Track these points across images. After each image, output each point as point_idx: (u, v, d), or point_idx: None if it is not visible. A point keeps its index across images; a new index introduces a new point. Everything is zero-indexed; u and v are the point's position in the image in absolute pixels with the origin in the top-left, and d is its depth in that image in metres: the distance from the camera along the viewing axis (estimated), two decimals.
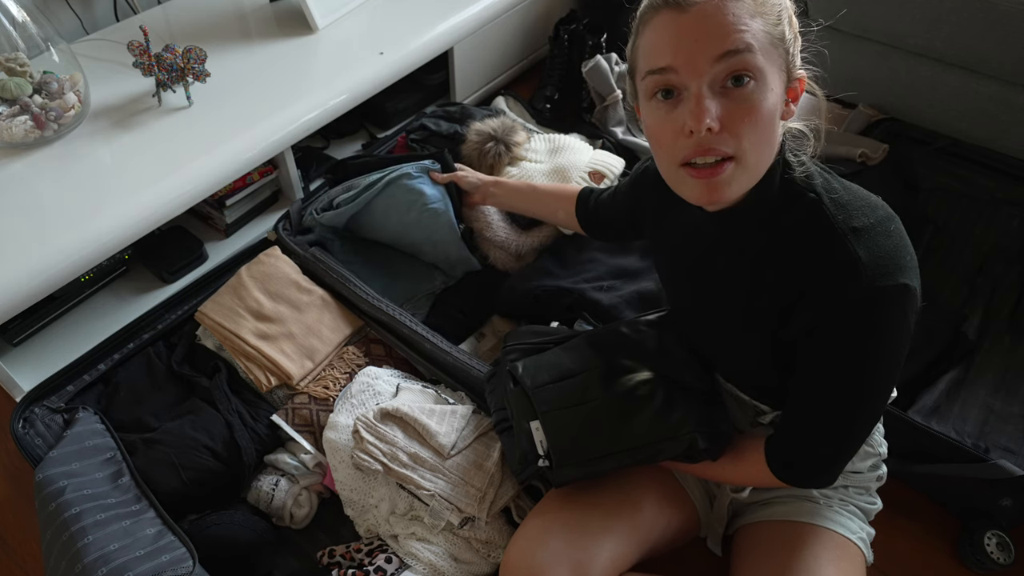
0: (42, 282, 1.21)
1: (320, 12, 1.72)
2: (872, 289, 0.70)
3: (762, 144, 0.71)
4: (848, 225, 0.73)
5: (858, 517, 0.96)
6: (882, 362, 0.75)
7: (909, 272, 0.73)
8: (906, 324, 0.74)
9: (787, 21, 0.71)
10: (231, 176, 1.44)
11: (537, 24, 2.08)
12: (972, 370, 1.38)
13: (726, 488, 1.01)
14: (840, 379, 0.76)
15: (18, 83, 1.36)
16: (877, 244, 0.72)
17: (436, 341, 1.28)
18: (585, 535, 0.91)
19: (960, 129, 1.61)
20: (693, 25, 0.66)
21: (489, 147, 1.51)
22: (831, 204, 0.75)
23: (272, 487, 1.20)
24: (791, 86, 0.73)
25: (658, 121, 0.72)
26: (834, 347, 0.75)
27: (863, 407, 0.78)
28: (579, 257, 1.43)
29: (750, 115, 0.68)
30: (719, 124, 0.67)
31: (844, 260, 0.72)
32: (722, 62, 0.66)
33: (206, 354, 1.36)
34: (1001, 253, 1.55)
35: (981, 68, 1.52)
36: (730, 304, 0.86)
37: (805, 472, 0.85)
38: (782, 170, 0.77)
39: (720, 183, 0.71)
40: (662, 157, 0.75)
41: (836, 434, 0.80)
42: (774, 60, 0.69)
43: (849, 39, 1.66)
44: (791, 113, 0.75)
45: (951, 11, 1.46)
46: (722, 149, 0.69)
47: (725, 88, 0.68)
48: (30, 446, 1.18)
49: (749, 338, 0.85)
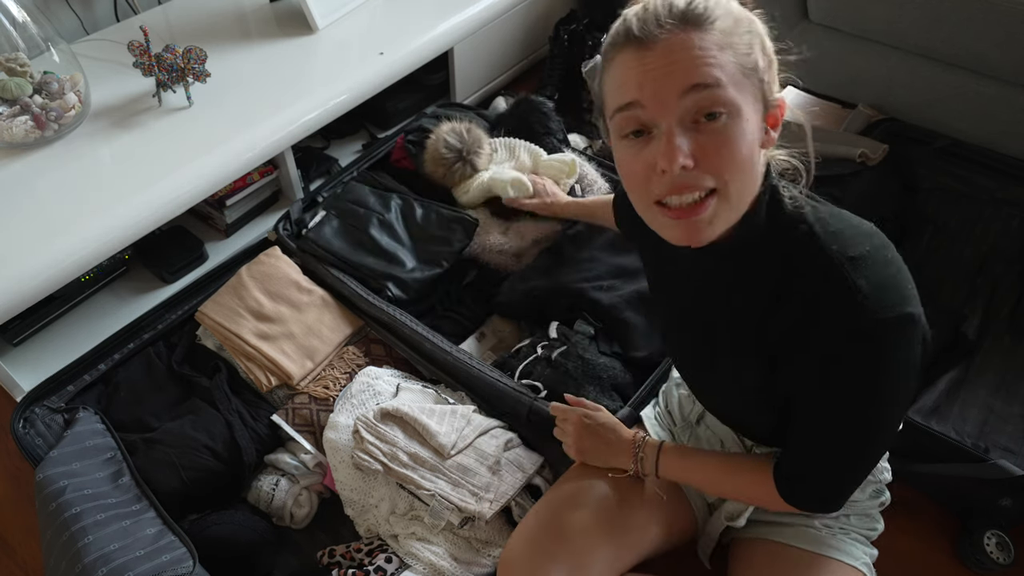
0: (42, 282, 1.21)
1: (320, 12, 1.72)
2: (876, 322, 0.66)
3: (743, 176, 0.67)
4: (844, 255, 0.69)
5: (860, 542, 0.95)
6: (890, 396, 0.72)
7: (912, 300, 0.69)
8: (913, 356, 0.70)
9: (759, 48, 0.67)
10: (231, 176, 1.44)
11: (537, 24, 2.08)
12: (972, 370, 1.38)
13: (721, 514, 1.00)
14: (847, 415, 0.73)
15: (18, 83, 1.36)
16: (877, 273, 0.68)
17: (436, 341, 1.28)
18: (583, 537, 0.91)
19: (960, 129, 1.61)
20: (658, 60, 0.64)
21: (457, 167, 1.52)
22: (824, 235, 0.71)
23: (272, 487, 1.20)
24: (770, 112, 0.70)
25: (629, 159, 0.69)
26: (839, 383, 0.71)
27: (871, 440, 0.76)
28: (579, 256, 1.43)
29: (726, 148, 0.65)
30: (692, 161, 0.64)
31: (843, 292, 0.67)
32: (689, 96, 0.63)
33: (206, 354, 1.36)
34: (1001, 253, 1.55)
35: (981, 68, 1.52)
36: (720, 343, 0.83)
37: (810, 497, 0.82)
38: (770, 201, 0.73)
39: (701, 222, 0.68)
40: (636, 196, 0.72)
41: (843, 466, 0.78)
42: (747, 90, 0.66)
43: (849, 39, 1.66)
44: (772, 141, 0.71)
45: (951, 11, 1.46)
46: (702, 184, 0.66)
47: (697, 123, 0.65)
48: (30, 446, 1.18)
49: (743, 378, 0.82)
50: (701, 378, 0.94)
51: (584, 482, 0.99)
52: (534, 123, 1.66)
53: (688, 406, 1.07)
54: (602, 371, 1.24)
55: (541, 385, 1.22)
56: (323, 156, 1.81)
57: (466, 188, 1.54)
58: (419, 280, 1.41)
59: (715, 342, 0.84)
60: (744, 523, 0.98)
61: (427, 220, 1.50)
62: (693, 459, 0.94)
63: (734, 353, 0.81)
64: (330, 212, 1.51)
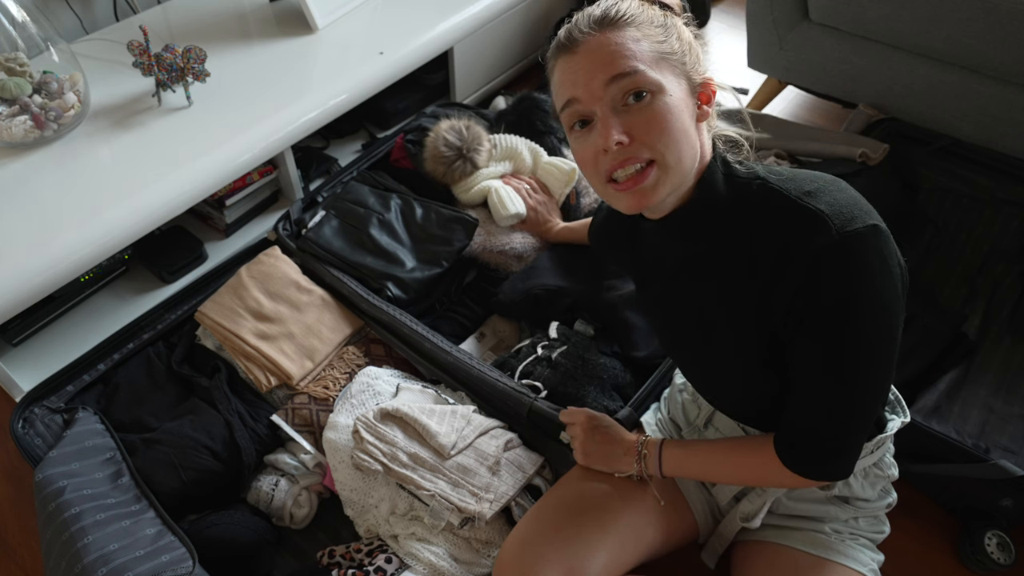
0: (42, 282, 1.21)
1: (320, 12, 1.72)
2: (843, 235, 0.71)
3: (677, 143, 0.75)
4: (801, 191, 0.76)
5: (868, 548, 0.95)
6: (874, 313, 0.72)
7: (874, 215, 0.74)
8: (887, 268, 0.72)
9: (675, 37, 0.77)
10: (231, 176, 1.44)
11: (537, 24, 2.08)
12: (972, 370, 1.38)
13: (736, 515, 1.00)
14: (836, 341, 0.73)
15: (18, 83, 1.36)
16: (834, 198, 0.74)
17: (436, 341, 1.28)
18: (580, 540, 0.91)
19: (960, 129, 1.61)
20: (583, 60, 0.76)
21: (457, 165, 1.52)
22: (778, 181, 0.78)
23: (272, 487, 1.20)
24: (700, 90, 0.79)
25: (580, 147, 0.79)
26: (823, 308, 0.73)
27: (865, 369, 0.75)
28: (579, 257, 1.43)
29: (655, 121, 0.74)
30: (628, 137, 0.74)
31: (807, 217, 0.73)
32: (614, 84, 0.74)
33: (206, 354, 1.36)
34: (1001, 253, 1.54)
35: (981, 68, 1.52)
36: (717, 324, 0.84)
37: (813, 459, 0.81)
38: (724, 170, 0.81)
39: (646, 189, 0.76)
40: (591, 178, 0.81)
41: (840, 414, 0.77)
42: (667, 70, 0.75)
43: (849, 39, 1.66)
44: (706, 115, 0.80)
45: (951, 11, 1.46)
46: (640, 156, 0.75)
47: (627, 105, 0.75)
48: (30, 446, 1.18)
49: (745, 352, 0.82)
50: (705, 369, 0.93)
51: (582, 485, 0.99)
52: (535, 120, 1.67)
53: (694, 411, 1.06)
54: (602, 371, 1.24)
55: (541, 385, 1.21)
56: (323, 156, 1.81)
57: (466, 187, 1.54)
58: (419, 280, 1.41)
59: (711, 324, 0.85)
60: (759, 524, 0.97)
61: (427, 220, 1.50)
62: (696, 448, 0.93)
63: (731, 327, 0.82)
64: (330, 212, 1.51)
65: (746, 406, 0.93)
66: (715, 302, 0.83)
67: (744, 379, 0.86)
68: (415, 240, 1.48)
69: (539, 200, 1.51)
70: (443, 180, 1.55)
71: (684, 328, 0.90)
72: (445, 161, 1.52)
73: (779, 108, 2.11)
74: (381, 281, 1.39)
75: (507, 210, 1.47)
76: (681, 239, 0.85)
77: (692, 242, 0.84)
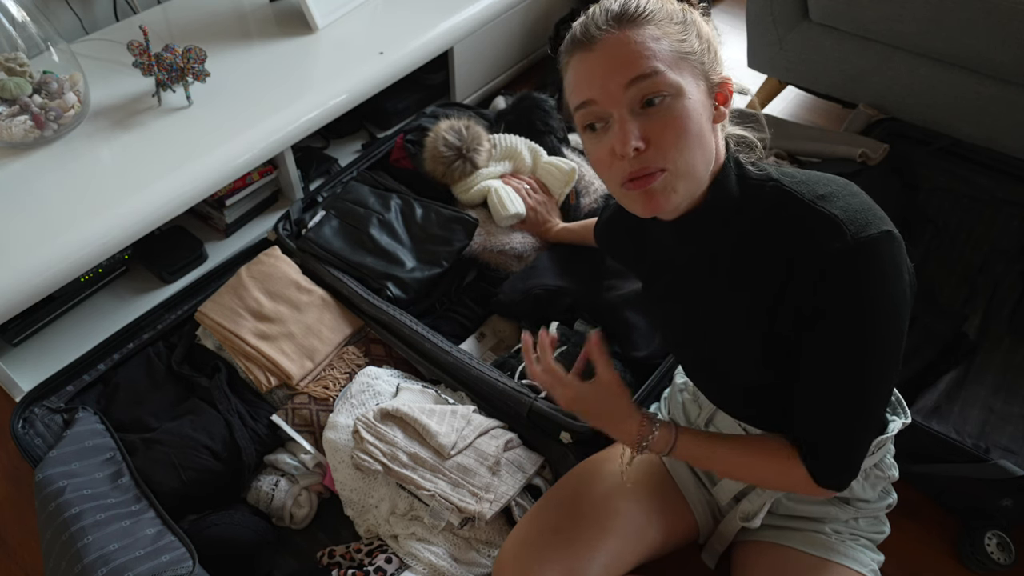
0: (42, 282, 1.21)
1: (320, 12, 1.72)
2: (857, 241, 0.70)
3: (691, 148, 0.73)
4: (815, 194, 0.74)
5: (868, 549, 0.95)
6: (888, 320, 0.72)
7: (889, 222, 0.73)
8: (898, 275, 0.72)
9: (694, 35, 0.74)
10: (231, 176, 1.44)
11: (537, 24, 2.08)
12: (972, 370, 1.38)
13: (736, 515, 0.99)
14: (851, 348, 0.73)
15: (18, 83, 1.36)
16: (848, 203, 0.73)
17: (436, 341, 1.28)
18: (579, 541, 0.91)
19: (960, 129, 1.61)
20: (601, 59, 0.73)
21: (456, 165, 1.52)
22: (791, 184, 0.77)
23: (272, 487, 1.20)
24: (717, 91, 0.76)
25: (595, 149, 0.77)
26: (837, 314, 0.72)
27: (878, 376, 0.75)
28: (579, 257, 1.43)
29: (672, 126, 0.72)
30: (644, 143, 0.72)
31: (822, 222, 0.72)
32: (634, 86, 0.71)
33: (206, 354, 1.36)
34: (1001, 253, 1.54)
35: (981, 68, 1.52)
36: (718, 312, 0.83)
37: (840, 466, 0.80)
38: (737, 171, 0.79)
39: (656, 191, 0.74)
40: (607, 181, 0.78)
41: (858, 412, 0.77)
42: (686, 71, 0.73)
43: (849, 39, 1.66)
44: (723, 116, 0.78)
45: (951, 11, 1.46)
46: (653, 167, 0.72)
47: (644, 108, 0.72)
48: (30, 446, 1.18)
49: (745, 346, 0.81)
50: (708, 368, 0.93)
51: (582, 485, 0.99)
52: (535, 120, 1.66)
53: (694, 410, 1.06)
54: None
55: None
56: (323, 156, 1.81)
57: (466, 187, 1.54)
58: (419, 280, 1.41)
59: (717, 325, 0.84)
60: (759, 524, 0.97)
61: (427, 220, 1.50)
62: (712, 436, 0.89)
63: (738, 328, 0.81)
64: (330, 212, 1.51)
65: (748, 406, 0.93)
66: (724, 302, 0.82)
67: (747, 379, 0.85)
68: (415, 240, 1.48)
69: (539, 200, 1.51)
70: (443, 180, 1.55)
71: (689, 327, 0.90)
72: (445, 161, 1.52)
73: (779, 108, 2.10)
74: (381, 281, 1.39)
75: (507, 210, 1.47)
76: (693, 241, 0.83)
77: (704, 244, 0.82)
